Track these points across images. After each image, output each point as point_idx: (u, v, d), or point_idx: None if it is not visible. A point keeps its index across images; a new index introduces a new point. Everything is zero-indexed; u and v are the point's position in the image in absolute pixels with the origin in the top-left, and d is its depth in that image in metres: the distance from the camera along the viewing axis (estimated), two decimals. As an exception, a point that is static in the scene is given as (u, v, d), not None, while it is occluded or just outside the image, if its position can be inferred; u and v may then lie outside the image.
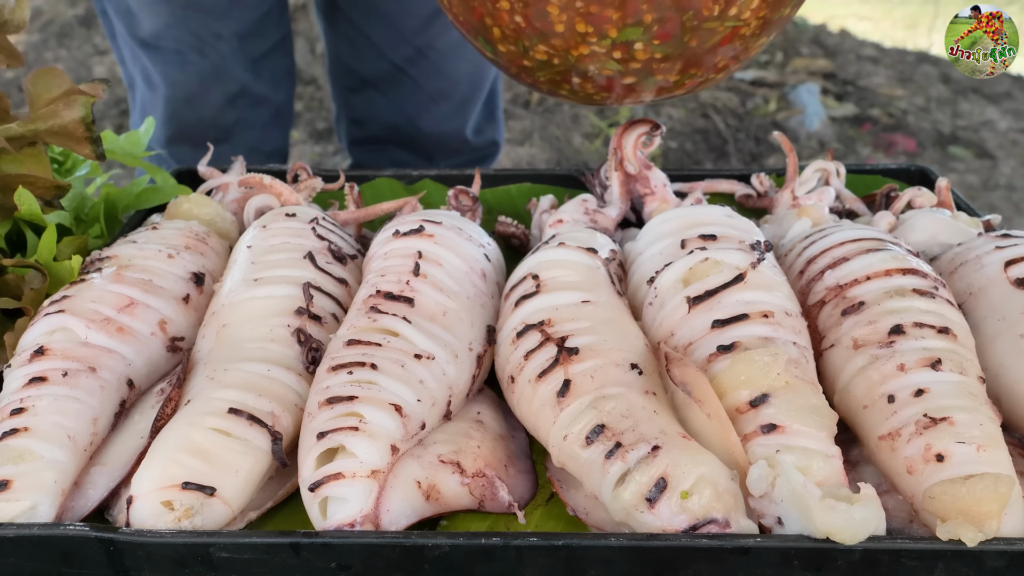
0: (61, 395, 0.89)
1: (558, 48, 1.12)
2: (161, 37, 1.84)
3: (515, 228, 1.33)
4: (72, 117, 1.13)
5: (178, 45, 1.84)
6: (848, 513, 0.75)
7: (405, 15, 1.95)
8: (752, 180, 1.41)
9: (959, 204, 1.31)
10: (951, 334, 0.90)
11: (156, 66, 1.88)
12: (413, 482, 0.85)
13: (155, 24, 1.82)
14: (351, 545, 0.78)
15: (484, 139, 2.17)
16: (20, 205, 1.11)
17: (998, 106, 3.82)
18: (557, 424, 0.86)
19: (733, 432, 0.83)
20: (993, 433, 0.81)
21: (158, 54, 1.86)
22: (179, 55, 1.85)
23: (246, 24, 1.86)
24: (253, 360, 0.93)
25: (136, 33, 1.86)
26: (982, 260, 1.03)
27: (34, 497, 0.81)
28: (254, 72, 1.91)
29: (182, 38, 1.83)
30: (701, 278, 0.97)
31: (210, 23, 1.83)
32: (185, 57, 1.85)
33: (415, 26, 1.95)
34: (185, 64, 1.86)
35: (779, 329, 0.91)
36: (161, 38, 1.84)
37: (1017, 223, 3.04)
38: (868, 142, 3.56)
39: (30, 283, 1.08)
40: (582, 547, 0.77)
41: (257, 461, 0.85)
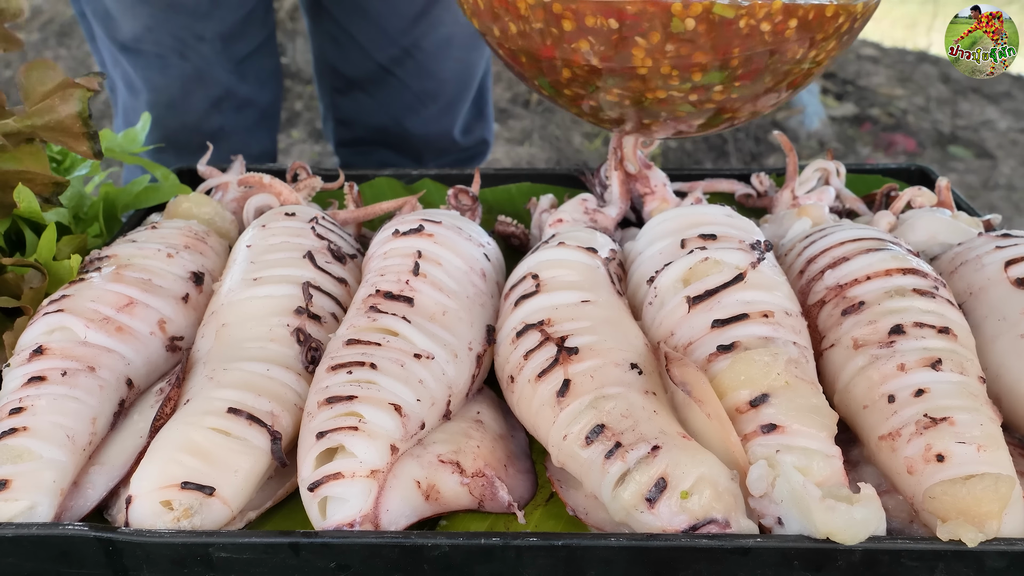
0: (60, 395, 0.88)
1: (634, 90, 1.10)
2: (141, 40, 1.78)
3: (515, 227, 1.32)
4: (69, 112, 1.12)
5: (159, 49, 1.78)
6: (848, 513, 0.75)
7: (391, 14, 1.90)
8: (752, 180, 1.41)
9: (959, 204, 1.31)
10: (951, 334, 0.90)
11: (137, 71, 1.82)
12: (413, 482, 0.85)
13: (135, 27, 1.77)
14: (350, 545, 0.78)
15: (473, 138, 2.13)
16: (19, 202, 1.11)
17: (998, 106, 3.82)
18: (557, 424, 0.86)
19: (733, 432, 0.83)
20: (993, 433, 0.81)
21: (139, 58, 1.80)
22: (160, 59, 1.79)
23: (229, 25, 1.80)
24: (252, 360, 0.93)
25: (115, 37, 1.80)
26: (982, 260, 1.02)
27: (33, 497, 0.81)
28: (238, 74, 1.86)
29: (163, 41, 1.77)
30: (701, 278, 0.97)
31: (192, 25, 1.77)
32: (166, 61, 1.79)
33: (401, 26, 1.91)
34: (166, 68, 1.80)
35: (779, 329, 0.91)
36: (141, 41, 1.78)
37: (1017, 223, 3.04)
38: (868, 142, 3.56)
39: (29, 282, 1.08)
40: (582, 547, 0.77)
41: (256, 461, 0.85)
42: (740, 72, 1.06)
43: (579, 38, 1.06)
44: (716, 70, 1.06)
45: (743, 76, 1.07)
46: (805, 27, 1.04)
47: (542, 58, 1.11)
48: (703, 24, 1.02)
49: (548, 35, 1.08)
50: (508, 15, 1.10)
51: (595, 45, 1.06)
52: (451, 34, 1.95)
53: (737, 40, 1.03)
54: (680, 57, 1.04)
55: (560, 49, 1.08)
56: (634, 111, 1.14)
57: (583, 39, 1.06)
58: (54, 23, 4.07)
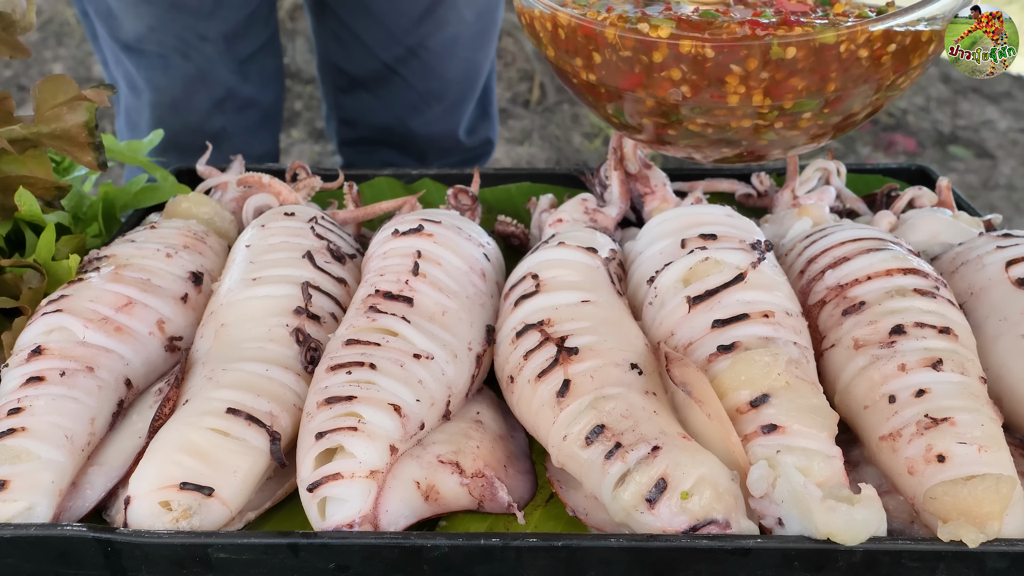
0: (59, 395, 0.88)
1: (719, 118, 1.07)
2: (144, 40, 1.78)
3: (515, 227, 1.32)
4: (75, 121, 1.13)
5: (161, 49, 1.78)
6: (849, 514, 0.75)
7: (396, 13, 1.89)
8: (752, 179, 1.41)
9: (960, 204, 1.31)
10: (952, 334, 0.90)
11: (140, 71, 1.82)
12: (412, 482, 0.85)
13: (137, 27, 1.77)
14: (350, 546, 0.77)
15: (478, 138, 2.12)
16: (21, 206, 1.11)
17: (998, 106, 3.81)
18: (557, 424, 0.86)
19: (733, 432, 0.83)
20: (994, 434, 0.81)
21: (141, 58, 1.80)
22: (163, 59, 1.79)
23: (232, 25, 1.80)
24: (251, 360, 0.93)
25: (118, 36, 1.80)
26: (983, 260, 1.02)
27: (31, 497, 0.81)
28: (241, 74, 1.86)
29: (165, 41, 1.77)
30: (701, 278, 0.97)
31: (194, 25, 1.77)
32: (169, 61, 1.79)
33: (406, 25, 1.90)
34: (169, 68, 1.80)
35: (780, 329, 0.91)
36: (144, 41, 1.78)
37: (1017, 223, 3.03)
38: (868, 141, 3.56)
39: (28, 282, 1.08)
40: (582, 548, 0.76)
41: (255, 461, 0.84)
42: (832, 99, 1.05)
43: (671, 66, 1.03)
44: (811, 97, 1.03)
45: (833, 103, 1.05)
46: (902, 53, 1.03)
47: (627, 88, 1.08)
48: (803, 50, 1.00)
49: (637, 63, 1.04)
50: (592, 44, 1.07)
51: (687, 74, 1.03)
52: (456, 34, 1.94)
53: (836, 65, 1.01)
54: (776, 83, 1.02)
55: (648, 78, 1.05)
56: (718, 142, 1.12)
57: (675, 67, 1.03)
58: (53, 23, 4.07)
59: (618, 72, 1.07)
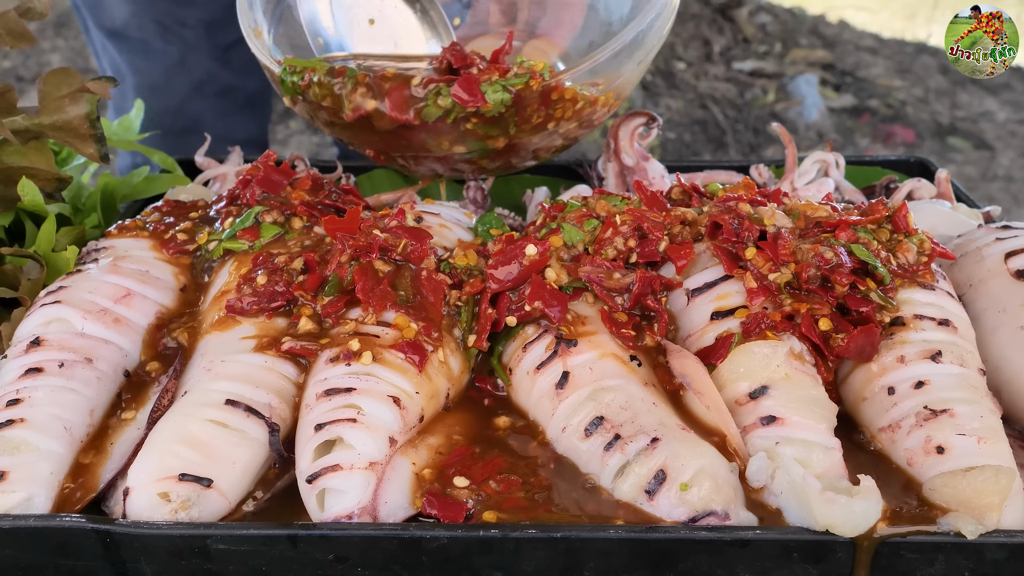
0: (57, 386, 0.88)
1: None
2: (127, 26, 1.85)
3: (511, 219, 1.32)
4: (77, 113, 1.13)
5: (143, 33, 1.85)
6: (848, 506, 0.75)
7: None
8: (751, 171, 1.41)
9: (959, 195, 1.30)
10: (951, 326, 0.90)
11: (123, 55, 1.88)
12: (411, 474, 0.85)
13: (121, 13, 1.84)
14: (349, 537, 0.77)
15: None
16: (24, 196, 1.11)
17: (997, 97, 3.81)
18: (556, 416, 0.86)
19: (732, 424, 0.83)
20: (994, 425, 0.81)
21: (124, 43, 1.87)
22: (144, 43, 1.86)
23: (214, 12, 1.85)
24: (251, 351, 0.93)
25: (103, 23, 1.87)
26: (982, 252, 1.02)
27: (30, 489, 0.81)
28: (222, 61, 1.90)
29: (147, 26, 1.84)
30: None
31: (174, 11, 1.83)
32: (150, 45, 1.86)
33: None
34: (150, 52, 1.86)
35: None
36: (127, 27, 1.85)
37: (1016, 214, 3.04)
38: (867, 133, 3.56)
39: (27, 273, 1.08)
40: (581, 539, 0.76)
41: (254, 453, 0.84)
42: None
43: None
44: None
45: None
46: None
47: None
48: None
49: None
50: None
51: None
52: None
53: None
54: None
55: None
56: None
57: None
58: (51, 13, 4.06)
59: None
